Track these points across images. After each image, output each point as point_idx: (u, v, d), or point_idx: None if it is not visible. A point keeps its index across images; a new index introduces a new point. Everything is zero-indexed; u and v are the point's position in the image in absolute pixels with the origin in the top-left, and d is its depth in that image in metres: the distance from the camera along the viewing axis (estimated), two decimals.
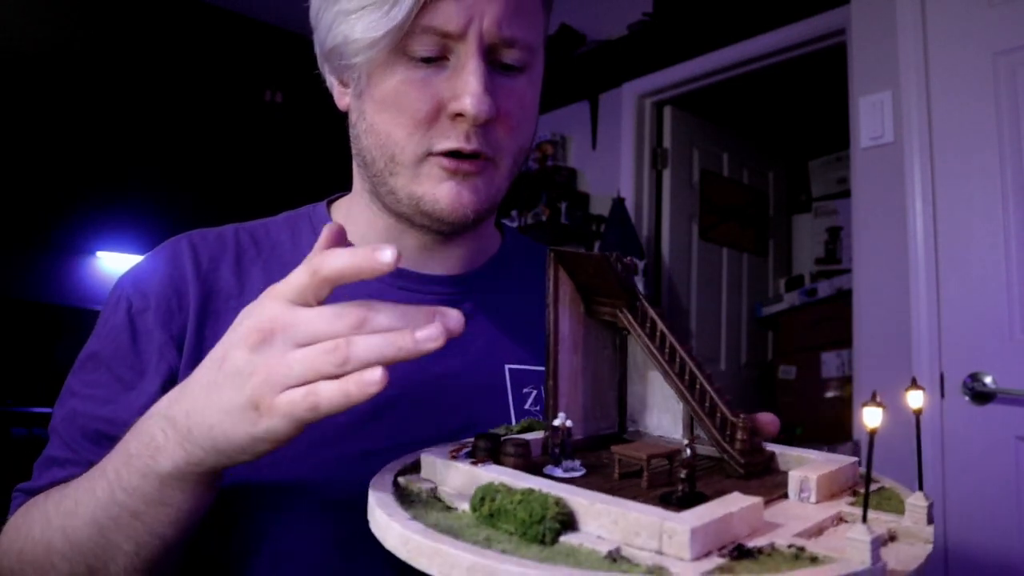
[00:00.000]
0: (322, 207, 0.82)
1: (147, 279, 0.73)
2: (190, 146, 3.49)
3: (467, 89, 0.64)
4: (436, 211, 0.69)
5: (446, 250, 0.77)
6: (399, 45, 0.64)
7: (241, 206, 1.68)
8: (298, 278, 0.48)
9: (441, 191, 0.68)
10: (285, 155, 3.65)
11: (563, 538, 0.39)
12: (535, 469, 0.48)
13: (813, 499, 0.46)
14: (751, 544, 0.38)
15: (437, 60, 0.65)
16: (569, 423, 0.50)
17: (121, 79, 3.37)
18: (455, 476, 0.48)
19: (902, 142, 1.88)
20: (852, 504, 0.46)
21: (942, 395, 1.72)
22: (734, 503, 0.40)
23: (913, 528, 0.43)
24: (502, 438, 0.50)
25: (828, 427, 2.84)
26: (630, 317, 0.55)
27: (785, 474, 0.49)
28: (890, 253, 1.89)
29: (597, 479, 0.48)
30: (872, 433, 0.37)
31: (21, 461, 0.83)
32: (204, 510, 0.56)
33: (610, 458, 0.50)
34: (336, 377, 0.45)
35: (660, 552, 0.37)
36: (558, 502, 0.41)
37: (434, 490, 0.48)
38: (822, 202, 3.64)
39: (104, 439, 0.67)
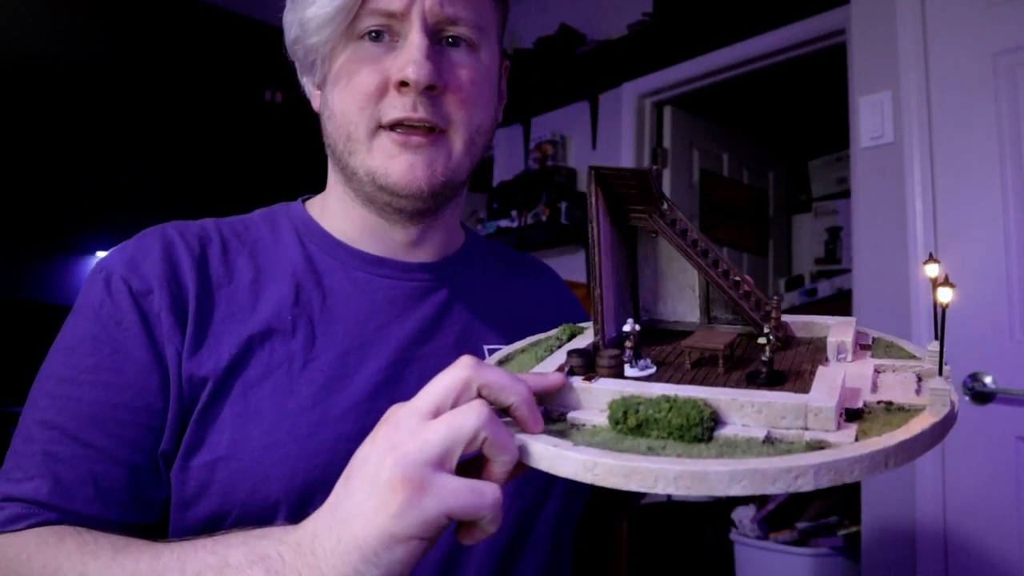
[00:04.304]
0: (297, 204, 0.83)
1: (142, 262, 0.70)
2: (190, 146, 3.49)
3: (408, 58, 0.68)
4: (389, 184, 0.71)
5: (421, 240, 0.80)
6: (350, 28, 0.69)
7: (242, 206, 1.68)
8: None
9: (393, 164, 0.70)
10: (285, 155, 3.65)
11: (714, 433, 0.44)
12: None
13: (849, 359, 0.54)
14: (851, 406, 0.45)
15: (388, 41, 0.70)
16: (638, 327, 0.54)
17: (121, 79, 3.36)
18: (577, 397, 0.50)
19: (902, 142, 1.87)
20: (874, 357, 0.55)
21: None
22: (831, 378, 0.47)
23: (935, 370, 0.49)
24: (594, 355, 0.53)
25: None
26: (660, 221, 0.60)
27: (810, 340, 0.60)
28: (890, 253, 1.89)
29: (675, 371, 0.54)
30: (944, 308, 0.46)
31: None
32: None
33: (663, 350, 0.58)
34: (477, 447, 0.46)
35: (806, 428, 0.42)
36: (706, 403, 0.45)
37: (550, 412, 0.50)
38: (822, 202, 3.63)
39: (116, 424, 0.65)
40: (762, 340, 0.50)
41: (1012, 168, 1.69)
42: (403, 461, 0.44)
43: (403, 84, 0.68)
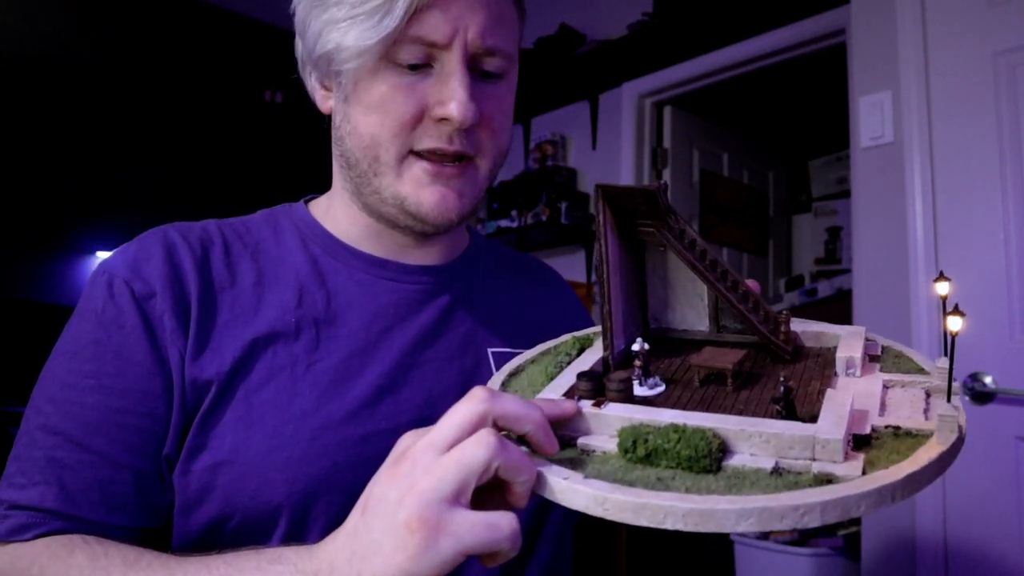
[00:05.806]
0: (300, 205, 0.83)
1: (144, 264, 0.70)
2: (190, 146, 3.50)
3: (453, 96, 0.66)
4: (420, 213, 0.71)
5: (425, 245, 0.80)
6: (387, 53, 0.66)
7: (242, 206, 1.68)
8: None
9: (425, 195, 0.70)
10: (285, 155, 3.65)
11: (722, 463, 0.44)
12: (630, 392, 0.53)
13: (858, 374, 0.54)
14: (858, 432, 0.45)
15: (423, 67, 0.68)
16: (647, 346, 0.55)
17: (122, 80, 3.37)
18: (587, 422, 0.50)
19: (902, 142, 1.87)
20: (883, 369, 0.55)
21: None
22: (840, 403, 0.46)
23: (943, 386, 0.50)
24: (603, 378, 0.53)
25: None
26: (668, 235, 0.60)
27: (819, 352, 0.59)
28: (890, 253, 1.89)
29: (683, 390, 0.54)
30: (954, 336, 0.45)
31: None
32: None
33: (671, 364, 0.58)
34: (492, 477, 0.46)
35: (813, 459, 0.43)
36: (714, 433, 0.45)
37: (560, 436, 0.50)
38: (822, 202, 3.64)
39: (119, 429, 0.65)
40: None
41: (1012, 168, 1.69)
42: (419, 501, 0.45)
43: (443, 119, 0.67)
